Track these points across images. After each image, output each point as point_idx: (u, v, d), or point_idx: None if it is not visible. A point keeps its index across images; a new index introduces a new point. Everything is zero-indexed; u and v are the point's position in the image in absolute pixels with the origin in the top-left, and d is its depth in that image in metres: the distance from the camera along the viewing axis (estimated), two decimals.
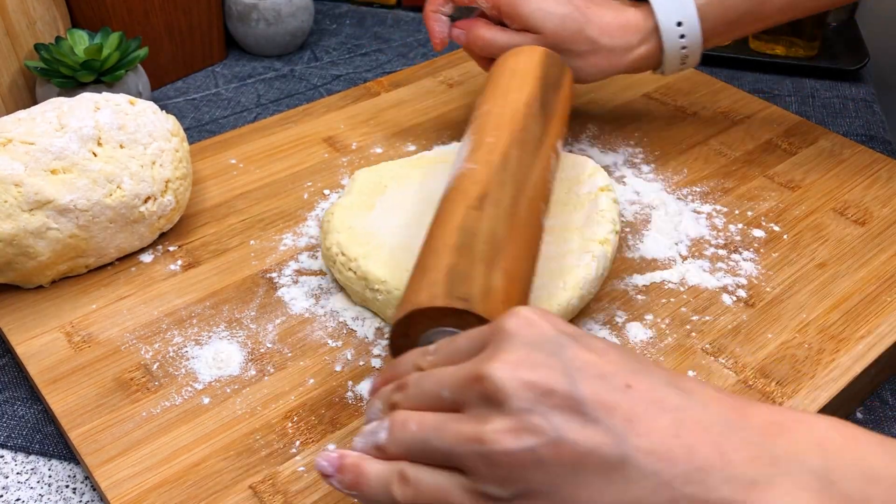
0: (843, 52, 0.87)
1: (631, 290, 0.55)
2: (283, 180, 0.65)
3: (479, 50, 0.63)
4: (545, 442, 0.30)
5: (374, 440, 0.35)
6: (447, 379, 0.34)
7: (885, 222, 0.61)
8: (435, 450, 0.32)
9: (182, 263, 0.57)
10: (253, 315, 0.53)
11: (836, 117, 0.80)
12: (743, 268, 0.57)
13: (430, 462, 0.33)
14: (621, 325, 0.53)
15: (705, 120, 0.72)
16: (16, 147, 0.52)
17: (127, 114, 0.56)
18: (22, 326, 0.52)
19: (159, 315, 0.53)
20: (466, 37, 0.63)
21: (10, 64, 0.70)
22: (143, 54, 0.71)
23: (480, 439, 0.31)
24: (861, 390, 0.52)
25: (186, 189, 0.59)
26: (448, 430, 0.32)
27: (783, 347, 0.51)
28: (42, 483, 0.47)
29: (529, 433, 0.30)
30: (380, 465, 0.34)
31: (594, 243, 0.52)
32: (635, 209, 0.62)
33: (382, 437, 0.34)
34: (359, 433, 0.36)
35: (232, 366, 0.50)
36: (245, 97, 0.82)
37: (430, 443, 0.33)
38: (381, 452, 0.34)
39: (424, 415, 0.34)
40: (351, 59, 0.89)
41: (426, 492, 0.32)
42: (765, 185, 0.65)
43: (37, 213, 0.51)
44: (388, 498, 0.33)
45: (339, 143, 0.69)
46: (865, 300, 0.54)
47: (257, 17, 0.84)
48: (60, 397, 0.48)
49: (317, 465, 0.36)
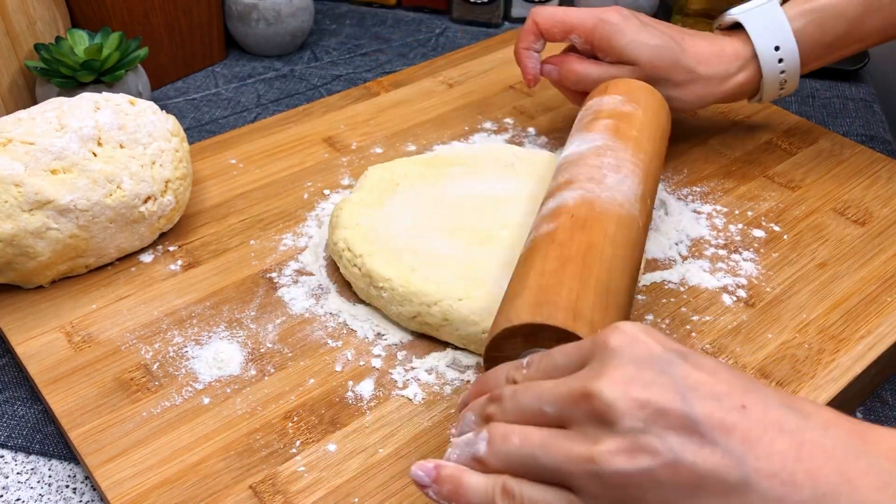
0: None
1: None
2: (283, 180, 0.65)
3: (572, 84, 0.64)
4: (662, 463, 0.29)
5: (471, 452, 0.34)
6: (549, 394, 0.33)
7: (885, 222, 0.61)
8: (542, 466, 0.32)
9: (182, 263, 0.57)
10: (253, 315, 0.53)
11: (836, 117, 0.80)
12: (743, 268, 0.57)
13: (535, 478, 0.32)
14: None
15: (705, 120, 0.72)
16: (16, 147, 0.52)
17: (127, 114, 0.56)
18: (22, 326, 0.52)
19: (159, 315, 0.53)
20: (559, 72, 0.64)
21: (10, 64, 0.70)
22: (143, 54, 0.71)
23: (593, 459, 0.30)
24: (861, 390, 0.52)
25: (186, 189, 0.59)
26: (556, 447, 0.32)
27: (783, 347, 0.51)
28: (42, 483, 0.47)
29: (645, 454, 0.29)
30: (480, 478, 0.34)
31: None
32: None
33: (482, 449, 0.34)
34: (451, 444, 0.36)
35: (232, 366, 0.50)
36: (245, 97, 0.82)
37: (537, 458, 0.32)
38: (480, 465, 0.34)
39: (527, 429, 0.33)
40: (351, 59, 0.89)
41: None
42: (765, 185, 0.65)
43: (37, 213, 0.51)
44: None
45: (339, 143, 0.69)
46: (865, 300, 0.54)
47: (257, 17, 0.84)
48: (60, 397, 0.48)
49: (412, 474, 0.35)
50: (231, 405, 0.48)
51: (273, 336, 0.52)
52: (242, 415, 0.47)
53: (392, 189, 0.58)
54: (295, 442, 0.46)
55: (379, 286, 0.51)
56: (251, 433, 0.46)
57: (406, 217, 0.56)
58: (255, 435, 0.46)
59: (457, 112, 0.73)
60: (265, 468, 0.44)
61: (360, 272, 0.52)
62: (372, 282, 0.52)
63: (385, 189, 0.58)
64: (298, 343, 0.51)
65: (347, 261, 0.53)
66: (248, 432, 0.46)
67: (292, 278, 0.56)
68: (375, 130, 0.70)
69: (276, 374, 0.49)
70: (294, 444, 0.45)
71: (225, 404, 0.48)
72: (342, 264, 0.54)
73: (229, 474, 0.44)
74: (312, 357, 0.50)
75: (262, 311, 0.53)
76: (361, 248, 0.53)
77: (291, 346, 0.51)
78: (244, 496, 0.43)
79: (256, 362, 0.50)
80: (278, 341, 0.51)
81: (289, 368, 0.50)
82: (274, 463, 0.44)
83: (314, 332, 0.52)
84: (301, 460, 0.45)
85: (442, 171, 0.60)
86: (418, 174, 0.60)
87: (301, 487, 0.43)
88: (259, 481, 0.44)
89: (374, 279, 0.51)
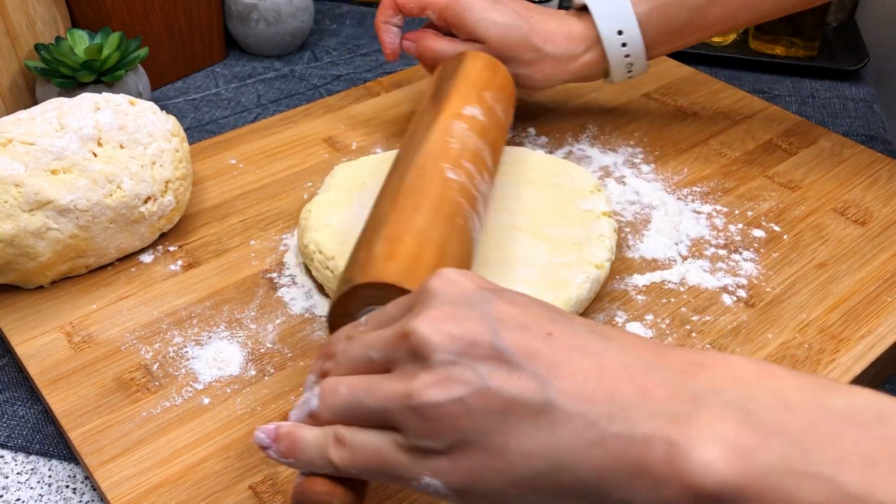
0: (842, 52, 0.87)
1: (631, 290, 0.55)
2: (283, 180, 0.65)
3: (429, 61, 0.65)
4: (471, 391, 0.31)
5: (307, 409, 0.36)
6: (375, 341, 0.35)
7: (885, 222, 0.61)
8: (367, 410, 0.33)
9: (182, 263, 0.57)
10: (253, 315, 0.53)
11: (836, 117, 0.80)
12: (743, 268, 0.57)
13: (364, 423, 0.34)
14: (621, 325, 0.52)
15: (705, 120, 0.72)
16: (16, 147, 0.52)
17: (127, 114, 0.56)
18: (22, 326, 0.52)
19: (159, 315, 0.53)
20: (416, 47, 0.65)
21: (10, 64, 0.70)
22: (143, 54, 0.71)
23: (409, 394, 0.31)
24: None
25: (186, 189, 0.59)
26: (378, 389, 0.33)
27: (783, 347, 0.51)
28: (42, 483, 0.47)
29: (456, 384, 0.31)
30: (314, 431, 0.35)
31: (590, 265, 0.52)
32: (635, 209, 0.62)
33: (314, 404, 0.35)
34: (295, 405, 0.37)
35: (232, 366, 0.50)
36: (245, 97, 0.82)
37: (363, 403, 0.33)
38: (315, 420, 0.35)
39: (354, 378, 0.34)
40: (351, 59, 0.89)
41: (362, 452, 0.33)
42: (765, 185, 0.65)
43: (37, 213, 0.51)
44: (324, 461, 0.34)
45: (339, 143, 0.69)
46: (865, 300, 0.54)
47: (257, 17, 0.84)
48: (60, 397, 0.48)
49: (255, 438, 0.36)
50: (231, 405, 0.48)
51: (273, 336, 0.52)
52: (242, 415, 0.47)
53: (360, 186, 0.58)
54: None
55: None
56: (251, 433, 0.46)
57: None
58: None
59: None
60: (265, 468, 0.44)
61: (332, 275, 0.52)
62: None
63: (353, 188, 0.58)
64: (298, 343, 0.51)
65: (319, 263, 0.53)
66: (248, 432, 0.46)
67: (292, 278, 0.56)
68: (375, 130, 0.70)
69: (276, 374, 0.49)
70: None
71: (225, 404, 0.48)
72: (314, 267, 0.54)
73: (229, 474, 0.44)
74: (312, 357, 0.50)
75: (262, 312, 0.53)
76: (333, 249, 0.53)
77: (291, 346, 0.51)
78: (244, 496, 0.43)
79: (256, 362, 0.50)
80: (278, 341, 0.51)
81: (289, 368, 0.50)
82: (274, 463, 0.44)
83: (314, 332, 0.52)
84: None
85: None
86: (385, 170, 0.60)
87: None
88: (259, 481, 0.44)
89: None
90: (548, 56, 0.62)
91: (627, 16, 0.62)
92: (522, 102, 0.74)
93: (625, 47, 0.63)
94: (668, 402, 0.29)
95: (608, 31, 0.62)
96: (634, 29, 0.62)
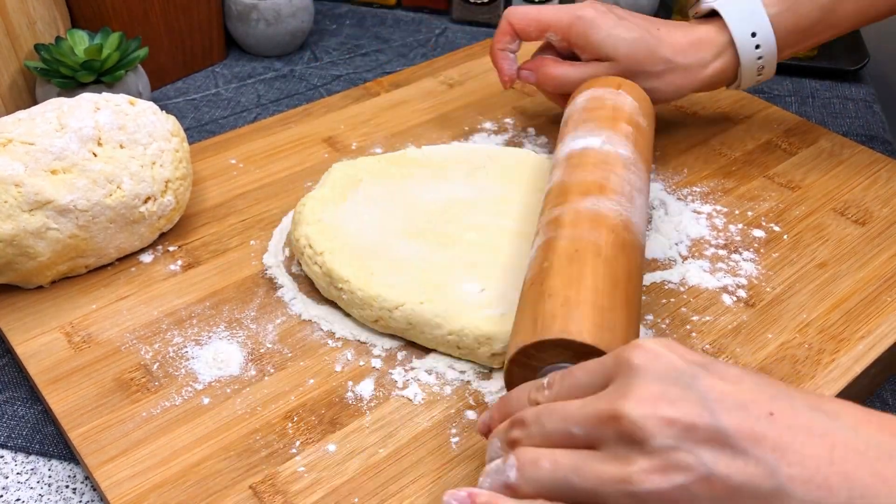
0: (842, 52, 0.87)
1: None
2: (283, 180, 0.65)
3: (551, 89, 0.64)
4: (696, 479, 0.29)
5: (502, 479, 0.34)
6: (576, 415, 0.33)
7: (885, 222, 0.61)
8: (576, 490, 0.32)
9: (182, 263, 0.57)
10: (253, 315, 0.53)
11: (836, 117, 0.80)
12: (743, 268, 0.57)
13: (569, 501, 0.32)
14: None
15: (705, 120, 0.72)
16: (16, 147, 0.52)
17: (127, 114, 0.56)
18: (22, 326, 0.52)
19: (159, 315, 0.53)
20: (536, 77, 0.64)
21: (10, 64, 0.70)
22: (143, 54, 0.71)
23: (628, 479, 0.30)
24: (861, 390, 0.52)
25: (186, 189, 0.59)
26: (589, 469, 0.32)
27: (783, 347, 0.51)
28: (42, 483, 0.47)
29: (678, 471, 0.30)
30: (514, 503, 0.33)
31: None
32: None
33: (512, 476, 0.34)
34: (483, 473, 0.36)
35: (232, 366, 0.50)
36: (245, 97, 0.82)
37: (570, 482, 0.32)
38: (512, 492, 0.34)
39: (556, 452, 0.33)
40: (351, 59, 0.89)
41: None
42: (765, 186, 0.65)
43: (37, 213, 0.51)
44: None
45: (339, 143, 0.69)
46: (865, 300, 0.54)
47: (257, 17, 0.84)
48: (60, 397, 0.48)
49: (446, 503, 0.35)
50: (231, 405, 0.48)
51: (273, 336, 0.52)
52: (242, 415, 0.47)
53: (355, 184, 0.58)
54: (295, 442, 0.46)
55: (339, 287, 0.51)
56: (251, 433, 0.46)
57: (369, 216, 0.56)
58: (255, 435, 0.46)
59: (457, 112, 0.73)
60: (265, 468, 0.44)
61: (320, 270, 0.52)
62: (332, 282, 0.51)
63: (348, 186, 0.58)
64: (298, 343, 0.51)
65: (308, 257, 0.53)
66: (248, 432, 0.46)
67: (292, 278, 0.56)
68: (375, 131, 0.70)
69: (275, 374, 0.49)
70: (294, 445, 0.45)
71: (225, 404, 0.48)
72: (303, 261, 0.54)
73: (229, 474, 0.44)
74: (312, 357, 0.50)
75: (261, 312, 0.53)
76: (322, 244, 0.53)
77: (291, 347, 0.51)
78: (244, 496, 0.43)
79: (256, 362, 0.50)
80: (278, 341, 0.51)
81: (288, 368, 0.50)
82: (274, 463, 0.44)
83: (314, 333, 0.52)
84: (301, 460, 0.45)
85: (408, 171, 0.60)
86: (383, 172, 0.60)
87: (301, 488, 0.43)
88: (259, 481, 0.44)
89: (333, 279, 0.51)
90: (678, 67, 0.61)
91: (760, 17, 0.60)
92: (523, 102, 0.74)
93: (758, 49, 0.61)
94: None
95: (742, 33, 0.61)
96: (768, 30, 0.60)
